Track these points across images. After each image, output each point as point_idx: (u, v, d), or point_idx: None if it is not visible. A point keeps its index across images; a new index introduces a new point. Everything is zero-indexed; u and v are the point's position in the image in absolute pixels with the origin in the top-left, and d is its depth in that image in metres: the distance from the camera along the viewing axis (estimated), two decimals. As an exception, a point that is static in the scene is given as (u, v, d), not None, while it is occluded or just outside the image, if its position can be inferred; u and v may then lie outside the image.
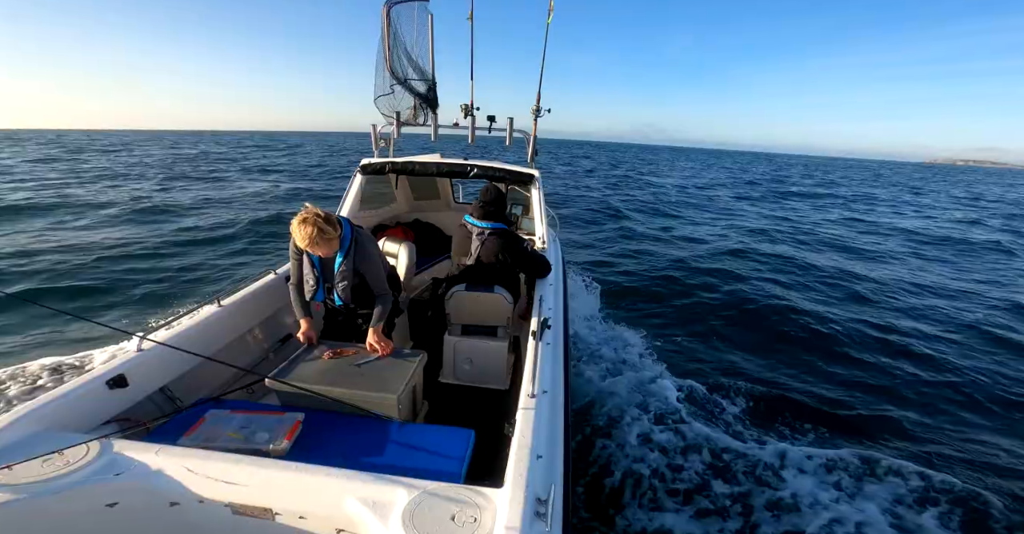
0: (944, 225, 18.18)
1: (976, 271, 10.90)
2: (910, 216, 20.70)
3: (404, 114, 4.55)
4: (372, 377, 2.29)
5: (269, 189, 18.58)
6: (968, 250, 13.42)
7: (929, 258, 12.07)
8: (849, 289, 8.72)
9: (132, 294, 7.14)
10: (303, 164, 31.27)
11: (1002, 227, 18.37)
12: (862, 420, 4.58)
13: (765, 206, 21.10)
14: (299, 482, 1.49)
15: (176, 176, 22.08)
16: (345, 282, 2.59)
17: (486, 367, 3.24)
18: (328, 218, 2.37)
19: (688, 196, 23.28)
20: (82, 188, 16.99)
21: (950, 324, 7.22)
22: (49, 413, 1.76)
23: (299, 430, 1.94)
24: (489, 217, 3.23)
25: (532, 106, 4.72)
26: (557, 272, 3.58)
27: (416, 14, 4.24)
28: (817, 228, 15.48)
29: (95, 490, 1.49)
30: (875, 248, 12.84)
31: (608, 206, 17.22)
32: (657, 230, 13.81)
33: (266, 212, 13.34)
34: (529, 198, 4.50)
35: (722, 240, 12.47)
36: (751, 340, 6.31)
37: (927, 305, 8.02)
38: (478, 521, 1.34)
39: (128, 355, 2.18)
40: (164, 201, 14.69)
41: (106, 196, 15.27)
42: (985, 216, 21.80)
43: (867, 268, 10.38)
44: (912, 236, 15.17)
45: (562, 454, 1.77)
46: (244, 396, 2.60)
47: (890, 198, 29.20)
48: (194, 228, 11.40)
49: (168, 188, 18.03)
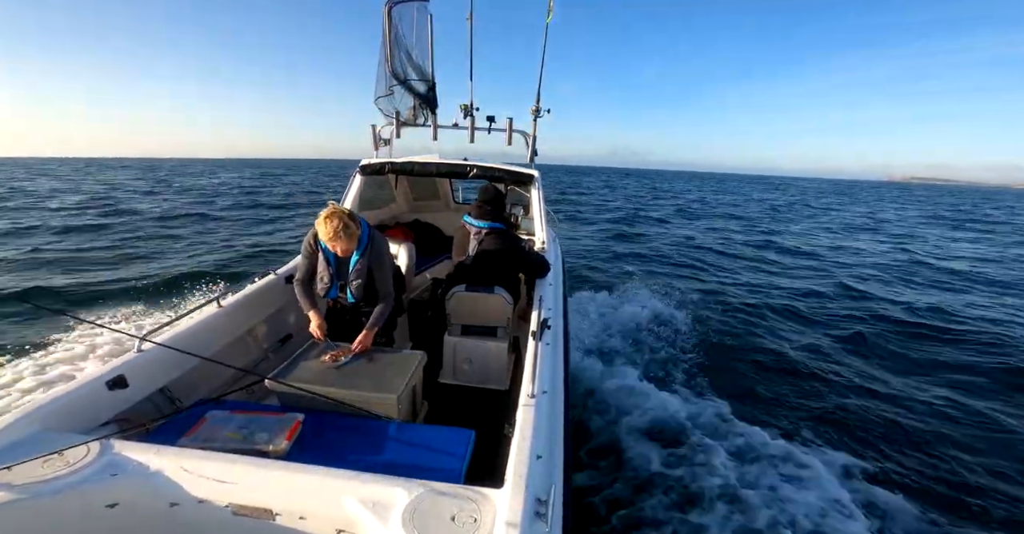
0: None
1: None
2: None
3: (404, 114, 4.56)
4: (372, 377, 2.29)
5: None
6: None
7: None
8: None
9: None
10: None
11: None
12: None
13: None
14: (299, 482, 1.49)
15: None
16: (360, 280, 2.65)
17: (486, 367, 3.24)
18: (352, 215, 2.48)
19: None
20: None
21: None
22: (49, 413, 1.76)
23: (299, 430, 1.93)
24: (487, 217, 3.23)
25: (532, 106, 4.72)
26: (557, 272, 3.58)
27: (416, 14, 4.24)
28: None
29: (95, 491, 1.49)
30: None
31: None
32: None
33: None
34: (529, 198, 4.50)
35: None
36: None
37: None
38: (478, 521, 1.34)
39: (128, 356, 2.18)
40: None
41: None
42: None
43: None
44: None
45: (562, 454, 1.77)
46: (244, 397, 2.60)
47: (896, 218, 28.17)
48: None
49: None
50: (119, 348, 5.09)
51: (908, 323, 7.76)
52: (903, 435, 4.53)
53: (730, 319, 7.57)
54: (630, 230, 17.81)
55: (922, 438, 4.49)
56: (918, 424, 4.72)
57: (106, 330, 5.30)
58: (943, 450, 4.31)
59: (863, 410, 4.91)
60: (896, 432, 4.58)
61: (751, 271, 11.68)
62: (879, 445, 4.36)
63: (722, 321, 7.41)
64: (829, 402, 5.07)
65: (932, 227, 24.66)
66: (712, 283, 10.15)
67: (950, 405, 5.10)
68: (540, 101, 4.68)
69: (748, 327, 7.30)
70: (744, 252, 14.12)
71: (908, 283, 10.97)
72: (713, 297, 8.73)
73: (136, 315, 6.55)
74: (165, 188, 29.72)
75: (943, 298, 9.52)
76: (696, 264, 12.20)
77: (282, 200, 24.60)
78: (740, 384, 5.39)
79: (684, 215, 24.74)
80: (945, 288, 10.64)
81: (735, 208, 30.33)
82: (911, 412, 4.96)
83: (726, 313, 7.84)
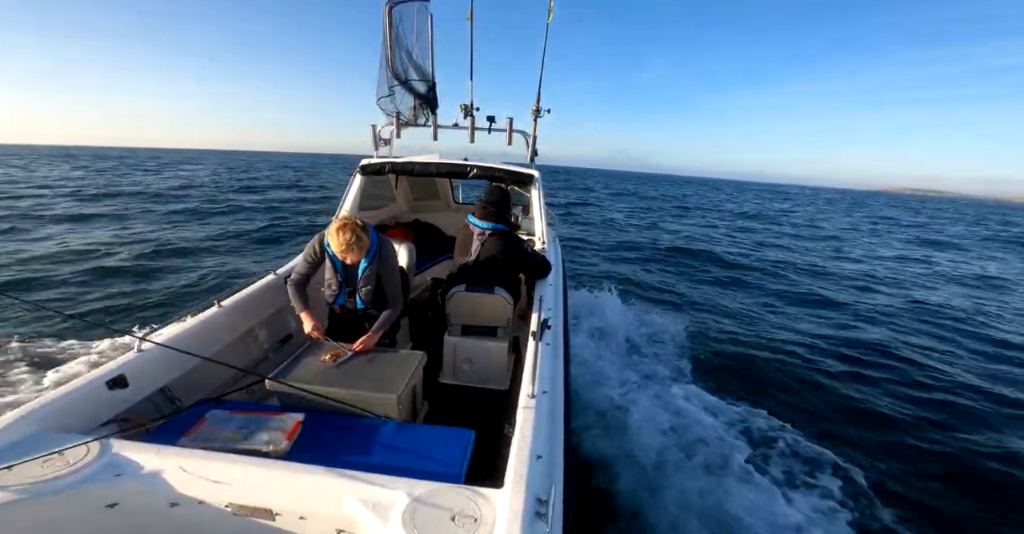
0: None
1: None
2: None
3: (404, 114, 4.56)
4: (372, 377, 2.29)
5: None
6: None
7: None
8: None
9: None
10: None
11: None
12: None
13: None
14: (299, 482, 1.49)
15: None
16: (369, 287, 2.68)
17: (486, 367, 3.24)
18: (364, 226, 2.50)
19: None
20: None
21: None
22: (49, 413, 1.76)
23: (299, 430, 1.93)
24: (491, 218, 3.24)
25: (532, 106, 4.72)
26: (557, 272, 3.58)
27: (416, 14, 4.24)
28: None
29: (95, 491, 1.49)
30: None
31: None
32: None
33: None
34: (529, 198, 4.50)
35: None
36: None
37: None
38: (478, 521, 1.34)
39: (128, 356, 2.18)
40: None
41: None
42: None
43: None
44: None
45: (562, 454, 1.77)
46: (244, 397, 2.60)
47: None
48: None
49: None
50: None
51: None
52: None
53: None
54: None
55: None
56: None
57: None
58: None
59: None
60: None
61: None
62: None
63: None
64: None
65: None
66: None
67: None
68: (540, 101, 4.69)
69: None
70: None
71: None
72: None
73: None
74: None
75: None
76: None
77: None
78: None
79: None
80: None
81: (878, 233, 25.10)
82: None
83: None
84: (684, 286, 10.33)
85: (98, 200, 18.48)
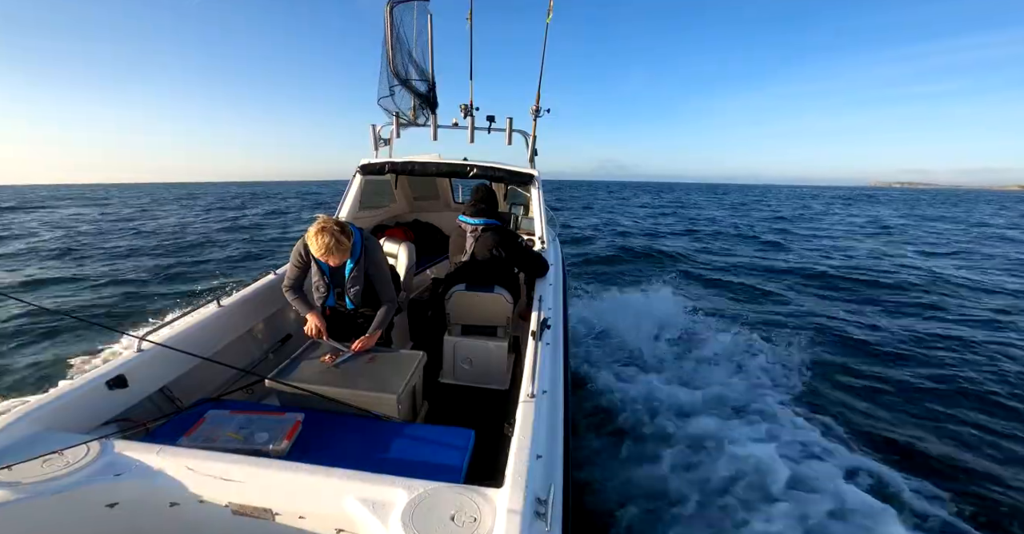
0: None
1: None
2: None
3: (405, 114, 4.56)
4: (372, 377, 2.29)
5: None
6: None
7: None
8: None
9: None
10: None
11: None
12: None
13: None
14: (299, 482, 1.49)
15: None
16: (357, 287, 2.66)
17: (486, 367, 3.24)
18: (344, 228, 2.42)
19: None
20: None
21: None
22: (49, 413, 1.76)
23: (299, 430, 1.94)
24: (481, 214, 3.25)
25: (532, 106, 4.71)
26: (557, 272, 3.58)
27: (416, 14, 4.25)
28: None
29: (95, 490, 1.49)
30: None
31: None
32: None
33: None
34: (529, 198, 4.50)
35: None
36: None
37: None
38: (478, 521, 1.34)
39: (128, 356, 2.18)
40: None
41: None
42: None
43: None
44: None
45: (562, 454, 1.76)
46: (244, 396, 2.60)
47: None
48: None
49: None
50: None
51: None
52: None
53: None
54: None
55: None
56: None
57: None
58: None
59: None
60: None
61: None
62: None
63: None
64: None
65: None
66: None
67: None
68: (540, 101, 4.68)
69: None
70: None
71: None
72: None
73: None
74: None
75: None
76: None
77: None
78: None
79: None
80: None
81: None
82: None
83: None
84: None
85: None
